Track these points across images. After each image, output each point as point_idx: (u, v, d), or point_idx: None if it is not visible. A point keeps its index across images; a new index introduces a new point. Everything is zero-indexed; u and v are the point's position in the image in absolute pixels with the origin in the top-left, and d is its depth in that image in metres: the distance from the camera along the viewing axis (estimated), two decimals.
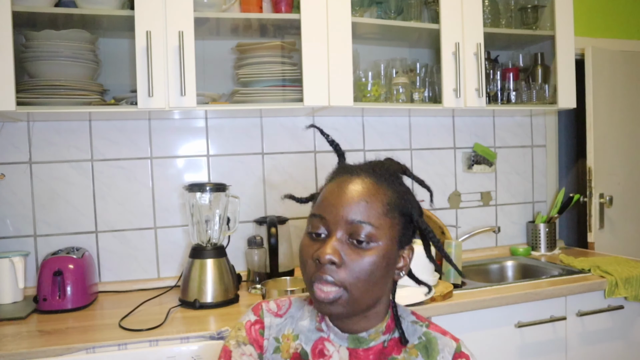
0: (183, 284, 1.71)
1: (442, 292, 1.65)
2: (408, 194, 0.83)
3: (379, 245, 0.77)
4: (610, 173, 2.53)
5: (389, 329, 0.85)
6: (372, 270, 0.76)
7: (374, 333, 0.84)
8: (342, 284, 0.76)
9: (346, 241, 0.77)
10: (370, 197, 0.78)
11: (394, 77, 2.06)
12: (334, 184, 0.82)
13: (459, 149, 2.40)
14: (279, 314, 0.90)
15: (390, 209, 0.79)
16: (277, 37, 2.01)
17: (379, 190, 0.79)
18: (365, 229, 0.76)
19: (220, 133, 2.06)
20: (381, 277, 0.78)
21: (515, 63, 2.34)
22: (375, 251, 0.77)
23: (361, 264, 0.76)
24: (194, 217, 1.78)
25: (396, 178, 0.83)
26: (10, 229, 1.86)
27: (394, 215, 0.79)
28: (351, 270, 0.76)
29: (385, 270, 0.79)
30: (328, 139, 0.93)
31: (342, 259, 0.76)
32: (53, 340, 1.36)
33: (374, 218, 0.77)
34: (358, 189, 0.78)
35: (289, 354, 0.85)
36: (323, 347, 0.85)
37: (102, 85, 1.79)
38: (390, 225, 0.78)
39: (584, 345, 1.85)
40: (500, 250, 2.44)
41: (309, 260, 0.78)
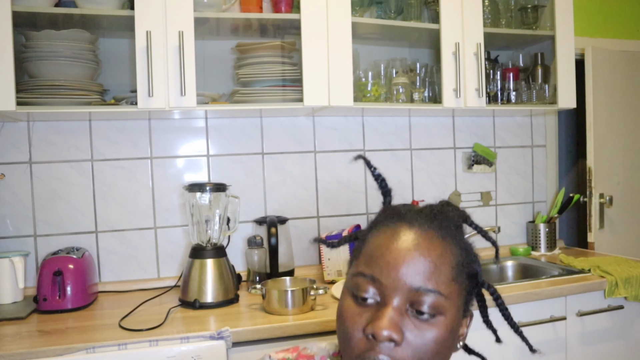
0: (183, 284, 1.71)
1: None
2: (472, 249, 0.69)
3: (446, 318, 0.62)
4: (610, 173, 2.53)
5: None
6: (437, 350, 0.62)
7: None
8: None
9: (406, 312, 0.62)
10: (439, 257, 0.62)
11: (394, 77, 2.06)
12: (389, 235, 0.65)
13: (459, 149, 2.40)
14: None
15: (459, 271, 0.64)
16: (277, 37, 2.01)
17: (447, 248, 0.64)
18: (432, 299, 0.61)
19: (220, 133, 2.06)
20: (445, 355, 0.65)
21: (515, 63, 2.34)
22: (442, 325, 0.62)
23: (425, 341, 0.61)
24: (194, 217, 1.78)
25: (458, 230, 0.68)
26: (10, 229, 1.86)
27: (462, 279, 0.65)
28: (413, 350, 0.60)
29: (450, 348, 0.65)
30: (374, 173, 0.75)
31: (403, 336, 0.60)
32: (53, 340, 1.36)
33: (443, 285, 0.62)
34: (422, 244, 0.63)
35: None
36: None
37: (102, 85, 1.79)
38: (458, 292, 0.64)
39: (584, 345, 1.85)
40: (500, 250, 2.43)
41: (356, 333, 0.62)
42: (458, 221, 0.69)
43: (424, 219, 0.66)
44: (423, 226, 0.65)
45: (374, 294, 0.63)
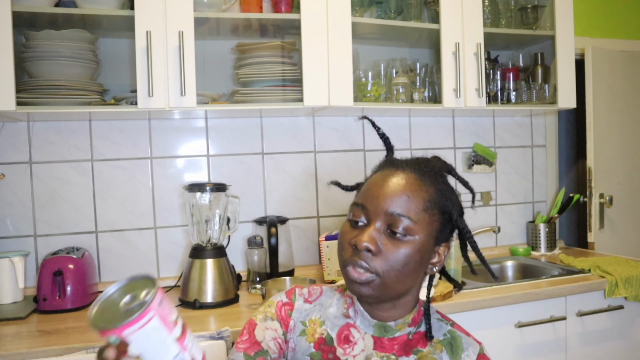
0: (183, 284, 1.71)
1: (442, 292, 1.65)
2: (450, 193, 0.84)
3: (415, 239, 0.79)
4: (610, 173, 2.53)
5: (415, 322, 0.87)
6: (405, 262, 0.79)
7: (400, 323, 0.86)
8: (375, 270, 0.78)
9: (384, 231, 0.79)
10: (412, 192, 0.80)
11: (394, 77, 2.06)
12: (379, 176, 0.84)
13: (459, 149, 2.40)
14: (309, 300, 0.92)
15: (430, 205, 0.80)
16: (277, 37, 2.01)
17: (421, 187, 0.81)
18: (404, 222, 0.78)
19: (220, 133, 2.06)
20: (413, 270, 0.80)
21: (515, 63, 2.34)
22: (410, 244, 0.79)
23: (396, 255, 0.78)
24: (194, 217, 1.78)
25: (440, 176, 0.85)
26: (10, 229, 1.86)
27: (433, 212, 0.81)
28: (386, 259, 0.78)
29: (419, 264, 0.81)
30: (379, 132, 0.93)
31: (379, 248, 0.78)
32: (53, 340, 1.36)
33: (413, 213, 0.79)
34: (401, 182, 0.80)
35: (314, 338, 0.87)
36: (349, 333, 0.86)
37: (102, 85, 1.79)
38: (428, 221, 0.80)
39: (584, 345, 1.85)
40: (500, 250, 2.44)
41: (347, 245, 0.81)
42: (440, 171, 0.85)
43: (408, 165, 0.84)
44: (406, 170, 0.83)
45: (363, 218, 0.81)
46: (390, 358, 0.84)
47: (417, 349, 0.85)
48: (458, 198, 0.86)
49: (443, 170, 0.86)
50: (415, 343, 0.86)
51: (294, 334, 0.88)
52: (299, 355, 0.87)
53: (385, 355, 0.84)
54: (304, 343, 0.87)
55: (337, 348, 0.86)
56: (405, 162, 0.85)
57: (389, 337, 0.85)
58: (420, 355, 0.84)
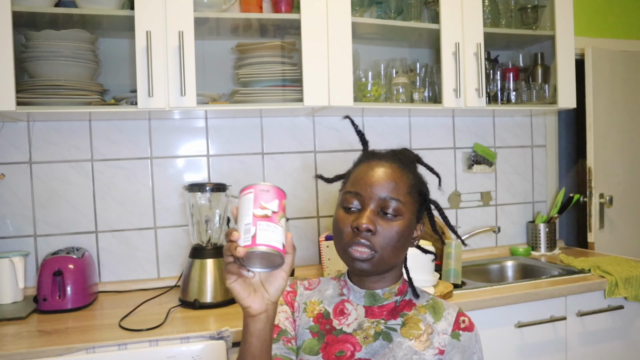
0: (183, 284, 1.71)
1: (442, 292, 1.65)
2: (422, 178, 1.01)
3: (403, 218, 0.93)
4: (610, 173, 2.53)
5: (400, 291, 1.00)
6: (398, 238, 0.92)
7: (387, 292, 0.99)
8: (374, 247, 0.91)
9: (377, 213, 0.92)
10: (398, 178, 0.94)
11: (394, 77, 2.06)
12: (366, 166, 0.97)
13: (459, 149, 2.40)
14: (309, 287, 1.07)
15: (411, 189, 0.95)
16: (277, 37, 2.01)
17: (404, 174, 0.95)
18: (393, 204, 0.92)
19: (220, 133, 2.06)
20: (403, 244, 0.94)
21: (515, 63, 2.34)
22: (400, 222, 0.93)
23: (390, 232, 0.91)
24: (194, 217, 1.78)
25: (413, 165, 1.01)
26: (10, 229, 1.86)
27: (414, 194, 0.96)
28: (383, 237, 0.91)
29: (407, 239, 0.95)
30: (356, 129, 1.08)
31: (376, 228, 0.91)
32: (53, 340, 1.36)
33: (401, 195, 0.93)
34: (388, 171, 0.94)
35: (313, 314, 1.01)
36: (343, 307, 1.00)
37: (102, 85, 1.79)
38: (412, 202, 0.95)
39: (584, 345, 1.85)
40: (500, 250, 2.44)
41: (346, 229, 0.93)
42: (413, 160, 1.02)
43: (389, 156, 0.98)
44: (389, 160, 0.97)
45: (356, 204, 0.94)
46: (380, 322, 0.97)
47: (404, 312, 0.98)
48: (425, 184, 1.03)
49: (414, 159, 1.02)
50: (402, 308, 0.99)
51: (299, 312, 1.03)
52: (301, 330, 1.00)
53: (376, 321, 0.97)
54: (305, 318, 1.01)
55: (333, 320, 0.99)
56: (386, 154, 0.99)
57: (378, 305, 0.98)
58: (407, 317, 0.97)
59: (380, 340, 0.94)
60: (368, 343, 0.94)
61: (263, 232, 0.76)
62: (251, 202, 0.79)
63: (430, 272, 1.67)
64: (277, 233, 0.77)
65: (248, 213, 0.78)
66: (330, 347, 0.96)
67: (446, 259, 1.89)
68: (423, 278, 1.62)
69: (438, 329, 0.95)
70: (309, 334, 0.99)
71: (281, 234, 0.78)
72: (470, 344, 0.94)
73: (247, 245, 0.75)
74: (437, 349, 0.93)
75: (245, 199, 0.80)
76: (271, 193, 0.80)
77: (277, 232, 0.77)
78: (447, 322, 0.95)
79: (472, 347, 0.94)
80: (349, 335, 0.96)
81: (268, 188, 0.80)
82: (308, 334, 0.99)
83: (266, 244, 0.75)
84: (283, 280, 0.80)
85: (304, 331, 1.00)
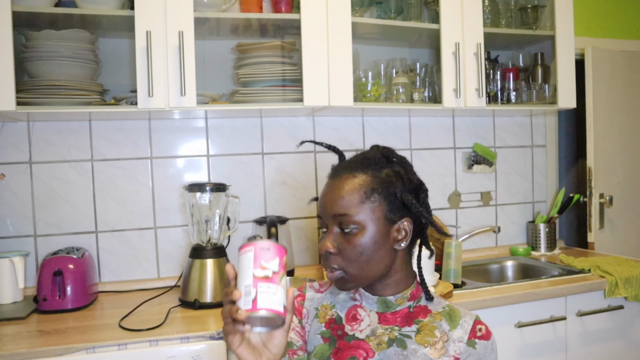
0: (183, 284, 1.71)
1: (442, 292, 1.65)
2: (390, 175, 0.92)
3: (364, 229, 0.89)
4: (610, 173, 2.53)
5: (413, 296, 0.97)
6: (361, 252, 0.89)
7: (400, 298, 0.95)
8: (340, 267, 0.91)
9: (339, 233, 0.91)
10: (347, 191, 0.90)
11: (394, 77, 2.06)
12: (324, 188, 0.95)
13: (459, 149, 2.40)
14: (320, 290, 1.04)
15: (367, 195, 0.89)
16: (277, 37, 2.01)
17: (355, 183, 0.90)
18: (348, 219, 0.89)
19: (220, 133, 2.06)
20: (374, 253, 0.90)
21: (515, 63, 2.34)
22: (360, 235, 0.89)
23: (351, 249, 0.89)
24: (194, 217, 1.78)
25: (376, 163, 0.93)
26: (10, 229, 1.86)
27: (374, 198, 0.90)
28: (344, 256, 0.90)
29: (376, 248, 0.90)
30: (324, 145, 1.03)
31: (337, 248, 0.90)
32: (53, 340, 1.36)
33: (352, 209, 0.89)
34: (339, 186, 0.91)
35: (325, 319, 0.99)
36: (356, 312, 0.98)
37: (102, 85, 1.79)
38: (370, 209, 0.89)
39: (584, 345, 1.85)
40: (500, 250, 2.44)
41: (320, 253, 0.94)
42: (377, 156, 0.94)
43: (343, 167, 0.94)
44: (341, 174, 0.92)
45: (323, 225, 0.94)
46: (394, 329, 0.94)
47: (418, 319, 0.95)
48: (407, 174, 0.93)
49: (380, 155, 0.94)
50: (416, 315, 0.95)
51: (308, 318, 1.01)
52: (312, 335, 0.99)
53: (389, 327, 0.94)
54: (316, 324, 0.99)
55: (345, 325, 0.97)
56: (343, 164, 0.95)
57: (392, 312, 0.95)
58: (422, 324, 0.94)
59: (395, 347, 0.92)
60: (381, 349, 0.92)
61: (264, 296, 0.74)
62: (251, 261, 0.76)
63: (430, 272, 1.67)
64: (278, 295, 0.75)
65: (248, 274, 0.76)
66: (342, 352, 0.94)
67: (446, 259, 1.89)
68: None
69: (454, 336, 0.92)
70: (320, 340, 0.97)
71: (282, 295, 0.76)
72: (486, 352, 0.92)
73: (248, 309, 0.73)
74: (453, 357, 0.91)
75: (244, 257, 0.77)
76: (272, 251, 0.78)
77: (278, 293, 0.75)
78: (464, 330, 0.93)
79: (488, 356, 0.92)
80: (361, 341, 0.94)
81: (269, 246, 0.78)
82: (319, 339, 0.97)
83: (267, 308, 0.74)
84: (283, 337, 0.80)
85: (315, 337, 0.98)
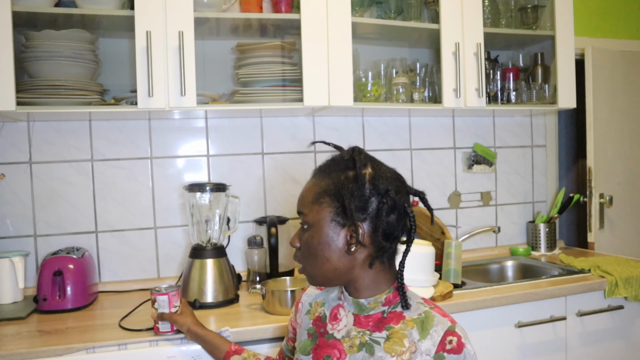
0: (183, 284, 1.71)
1: (442, 292, 1.65)
2: (348, 179, 0.91)
3: (313, 227, 0.94)
4: (610, 173, 2.53)
5: (389, 302, 0.96)
6: (309, 249, 0.94)
7: (372, 302, 0.96)
8: (300, 262, 0.98)
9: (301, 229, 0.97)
10: (307, 190, 0.96)
11: (394, 77, 2.06)
12: None
13: (459, 149, 2.40)
14: (320, 287, 1.09)
15: (319, 196, 0.93)
16: (277, 37, 2.01)
17: (315, 184, 0.96)
18: (302, 216, 0.96)
19: (220, 133, 2.06)
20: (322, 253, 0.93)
21: (515, 63, 2.34)
22: (310, 232, 0.94)
23: (304, 245, 0.96)
24: (194, 217, 1.78)
25: (345, 166, 0.94)
26: (10, 229, 1.86)
27: (323, 200, 0.93)
28: (302, 249, 0.97)
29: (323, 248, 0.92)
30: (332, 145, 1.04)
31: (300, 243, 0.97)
32: (53, 340, 1.36)
33: (306, 207, 0.95)
34: (305, 186, 0.98)
35: (314, 316, 1.05)
36: (337, 312, 1.01)
37: (102, 85, 1.79)
38: (317, 210, 0.93)
39: (584, 345, 1.85)
40: (500, 250, 2.44)
41: None
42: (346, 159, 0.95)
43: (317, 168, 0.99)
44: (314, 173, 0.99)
45: None
46: (366, 333, 0.95)
47: (390, 325, 0.93)
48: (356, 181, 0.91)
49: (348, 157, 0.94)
50: (389, 320, 0.94)
51: (301, 313, 1.08)
52: (302, 330, 1.05)
53: (362, 331, 0.95)
54: (306, 320, 1.05)
55: (327, 324, 1.01)
56: (318, 167, 0.99)
57: (365, 315, 0.97)
58: (392, 331, 0.92)
59: (363, 352, 0.92)
60: (352, 352, 0.94)
61: None
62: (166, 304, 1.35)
63: (430, 272, 1.67)
64: None
65: None
66: (320, 350, 0.98)
67: (446, 259, 1.89)
68: (423, 278, 1.62)
69: (422, 348, 0.87)
70: (305, 335, 1.03)
71: None
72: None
73: None
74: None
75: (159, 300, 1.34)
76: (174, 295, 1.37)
77: None
78: (432, 342, 0.87)
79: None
80: (337, 341, 0.97)
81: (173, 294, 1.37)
82: (305, 334, 1.03)
83: None
84: None
85: (303, 332, 1.04)
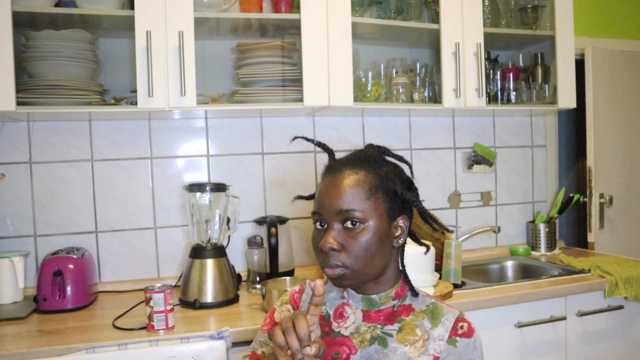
0: (183, 284, 1.71)
1: (442, 292, 1.65)
2: (389, 172, 0.94)
3: (369, 226, 0.90)
4: (610, 173, 2.53)
5: (398, 295, 0.98)
6: (366, 248, 0.90)
7: (384, 297, 0.97)
8: (344, 264, 0.90)
9: (341, 229, 0.91)
10: (352, 187, 0.91)
11: (394, 77, 2.06)
12: (323, 184, 0.95)
13: (459, 149, 2.40)
14: None
15: (372, 192, 0.91)
16: (277, 37, 2.01)
17: (359, 179, 0.91)
18: (353, 215, 0.89)
19: (220, 133, 2.06)
20: (377, 250, 0.91)
21: (515, 63, 2.34)
22: (366, 231, 0.90)
23: (357, 245, 0.90)
24: (194, 217, 1.78)
25: (375, 161, 0.95)
26: (10, 229, 1.86)
27: (377, 196, 0.91)
28: (349, 252, 0.90)
29: (380, 244, 0.91)
30: (314, 142, 1.04)
31: (341, 245, 0.90)
32: (53, 340, 1.36)
33: (358, 204, 0.90)
34: (342, 182, 0.91)
35: None
36: (343, 310, 1.00)
37: (102, 85, 1.79)
38: (374, 206, 0.91)
39: (584, 345, 1.85)
40: (500, 250, 2.44)
41: (317, 250, 0.93)
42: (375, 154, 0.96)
43: (344, 164, 0.94)
44: (343, 170, 0.93)
45: (322, 223, 0.93)
46: (377, 327, 0.96)
47: (401, 317, 0.96)
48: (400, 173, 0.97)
49: (375, 154, 0.96)
50: (399, 313, 0.97)
51: None
52: None
53: (372, 325, 0.96)
54: None
55: (332, 322, 1.00)
56: (342, 161, 0.96)
57: (375, 310, 0.97)
58: (404, 323, 0.95)
59: (376, 345, 0.94)
60: (363, 347, 0.94)
61: None
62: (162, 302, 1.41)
63: (430, 272, 1.67)
64: None
65: None
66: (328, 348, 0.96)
67: (446, 259, 1.89)
68: (423, 278, 1.62)
69: (435, 335, 0.92)
70: None
71: None
72: (467, 350, 0.91)
73: None
74: (432, 355, 0.91)
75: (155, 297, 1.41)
76: None
77: None
78: (444, 328, 0.93)
79: (470, 354, 0.91)
80: (346, 338, 0.97)
81: None
82: None
83: None
84: None
85: None
